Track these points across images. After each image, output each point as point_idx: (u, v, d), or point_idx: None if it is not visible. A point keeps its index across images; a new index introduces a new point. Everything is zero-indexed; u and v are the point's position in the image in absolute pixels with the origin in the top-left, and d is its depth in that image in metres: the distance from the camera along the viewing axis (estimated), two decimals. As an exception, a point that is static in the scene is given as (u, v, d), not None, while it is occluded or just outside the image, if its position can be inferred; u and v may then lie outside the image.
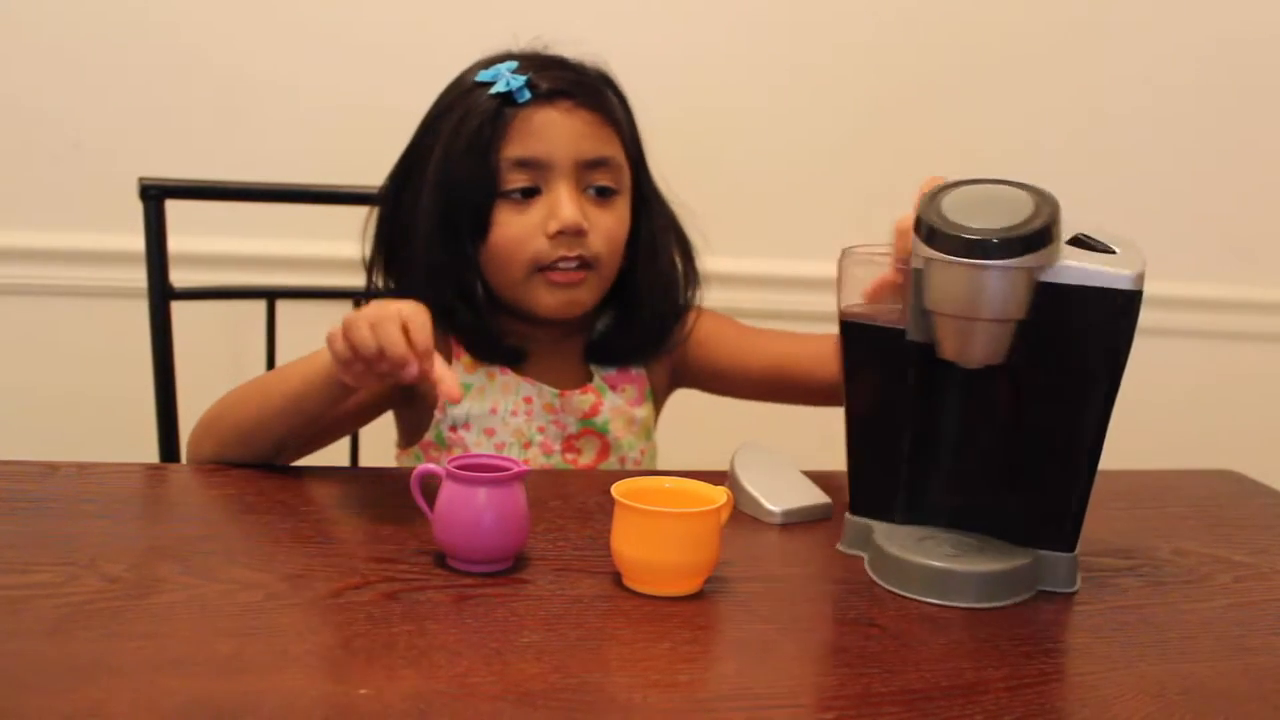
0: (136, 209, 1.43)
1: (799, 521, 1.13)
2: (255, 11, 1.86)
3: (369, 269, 1.32)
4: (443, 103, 1.28)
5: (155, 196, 1.43)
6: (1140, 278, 0.94)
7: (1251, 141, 2.14)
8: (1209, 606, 1.00)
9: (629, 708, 0.77)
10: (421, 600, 0.89)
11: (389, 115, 1.29)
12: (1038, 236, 0.92)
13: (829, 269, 2.11)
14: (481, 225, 1.24)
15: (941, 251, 0.93)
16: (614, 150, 1.27)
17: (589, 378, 1.34)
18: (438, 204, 1.24)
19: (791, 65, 2.01)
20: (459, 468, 0.95)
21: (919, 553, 0.99)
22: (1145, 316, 0.96)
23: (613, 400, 1.33)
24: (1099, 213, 2.01)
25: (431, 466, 0.96)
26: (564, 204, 1.23)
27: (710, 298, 1.39)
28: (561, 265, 1.24)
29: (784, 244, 2.03)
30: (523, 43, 1.30)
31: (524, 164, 1.23)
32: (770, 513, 1.13)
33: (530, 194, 1.24)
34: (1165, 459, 1.38)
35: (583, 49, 1.29)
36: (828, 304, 2.05)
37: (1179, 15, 2.08)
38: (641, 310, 1.33)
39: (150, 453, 1.47)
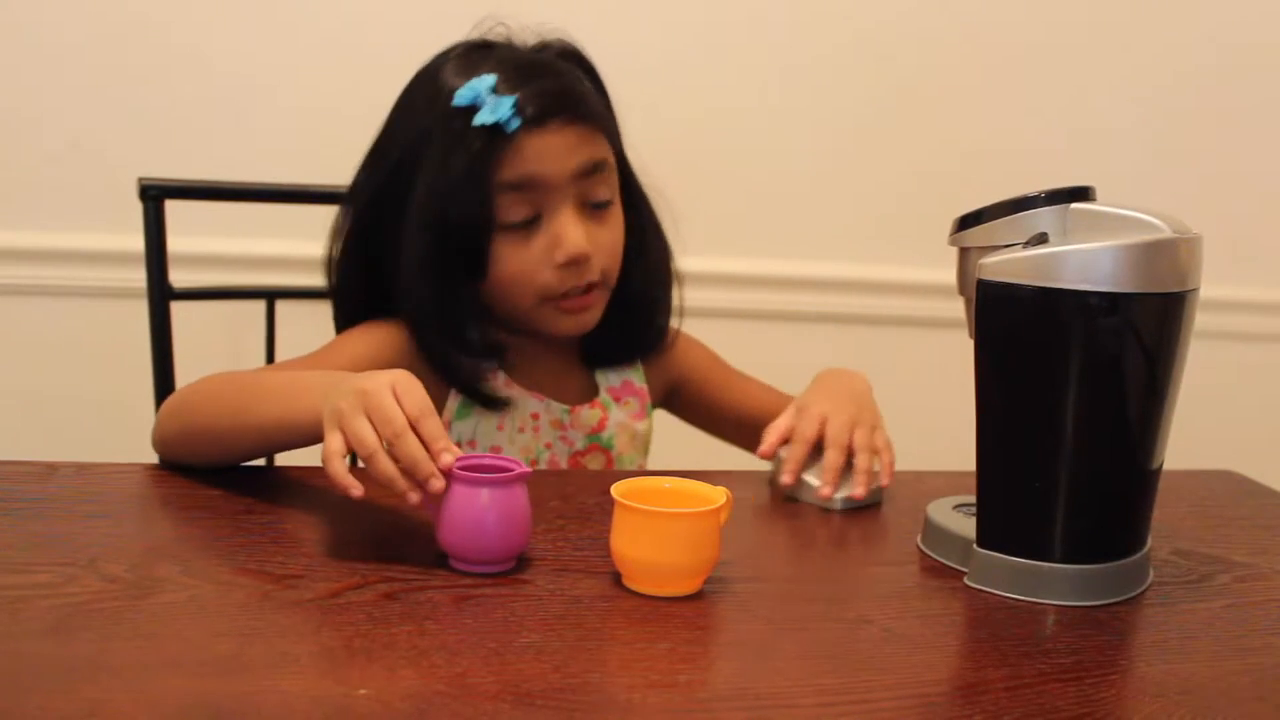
0: (136, 209, 1.43)
1: (857, 508, 1.16)
2: (254, 11, 1.86)
3: (337, 269, 1.28)
4: (416, 119, 1.21)
5: (155, 197, 1.43)
6: (1011, 271, 0.96)
7: (1251, 141, 2.14)
8: (1209, 606, 1.00)
9: (629, 708, 0.77)
10: (421, 600, 0.89)
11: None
12: (969, 218, 1.00)
13: (825, 269, 2.10)
14: (479, 260, 1.20)
15: None
16: (605, 152, 1.23)
17: (594, 391, 1.33)
18: (428, 243, 1.19)
19: (789, 64, 2.01)
20: (462, 468, 0.95)
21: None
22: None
23: (617, 415, 1.32)
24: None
25: None
26: (569, 231, 1.19)
27: (709, 297, 1.38)
28: (571, 293, 1.21)
29: (783, 244, 2.04)
30: (482, 29, 1.26)
31: (520, 187, 1.18)
32: (832, 500, 1.15)
33: (530, 223, 1.20)
34: (1165, 459, 1.37)
35: (545, 28, 1.26)
36: (826, 304, 2.06)
37: (1179, 15, 2.08)
38: (638, 305, 1.30)
39: (150, 453, 1.47)
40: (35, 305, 1.88)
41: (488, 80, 1.17)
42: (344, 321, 1.29)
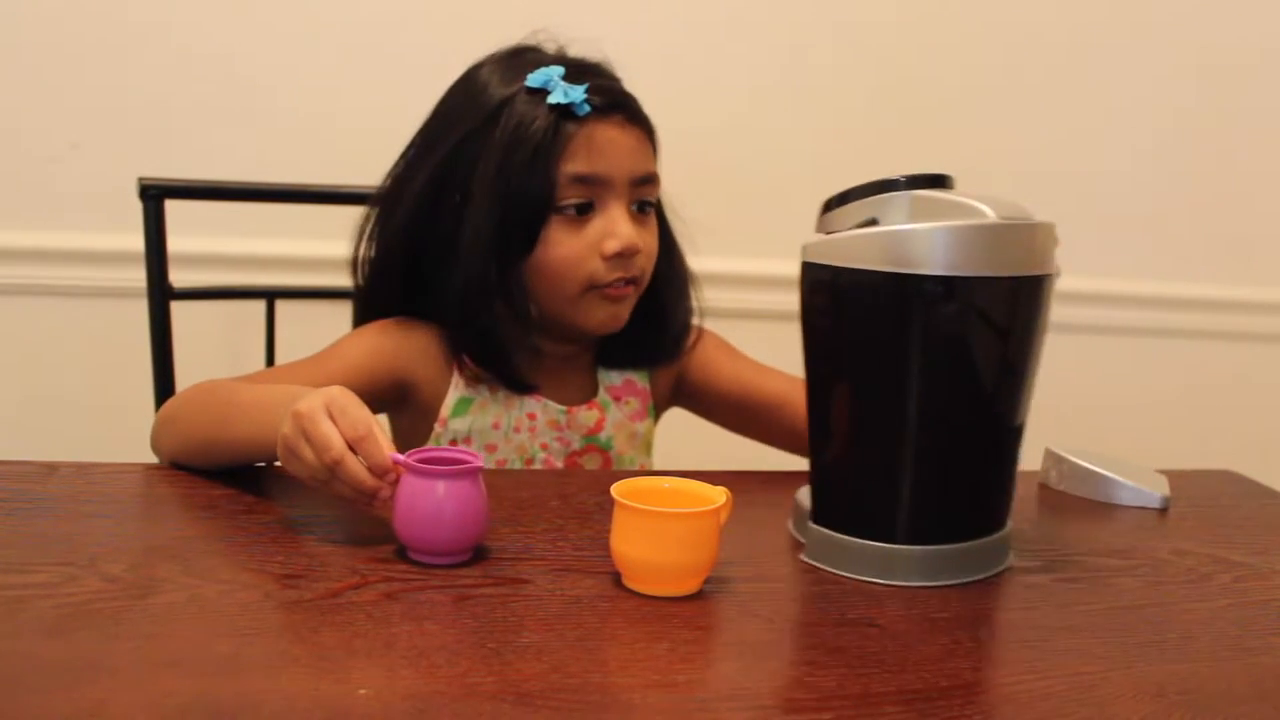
0: (136, 209, 1.43)
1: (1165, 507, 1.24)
2: (254, 11, 1.86)
3: (362, 267, 1.30)
4: (477, 104, 1.23)
5: (155, 196, 1.44)
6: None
7: (1250, 141, 2.14)
8: (1209, 606, 1.00)
9: (629, 708, 0.77)
10: (421, 600, 0.89)
11: (389, 115, 1.29)
12: (833, 201, 1.06)
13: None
14: (531, 241, 1.22)
15: None
16: (655, 165, 1.27)
17: (593, 392, 1.33)
18: (493, 218, 1.21)
19: (792, 68, 2.01)
20: (417, 460, 0.96)
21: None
22: (1145, 316, 0.95)
23: (615, 415, 1.33)
24: (1097, 212, 2.02)
25: (397, 456, 0.96)
26: (622, 225, 1.22)
27: (713, 298, 1.38)
28: (615, 284, 1.23)
29: (784, 245, 2.03)
30: (520, 37, 1.28)
31: (584, 180, 1.21)
32: (1155, 498, 1.23)
33: (584, 210, 1.22)
34: (1165, 459, 1.38)
35: (583, 45, 1.28)
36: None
37: (1180, 16, 2.08)
38: (667, 316, 1.32)
39: (150, 453, 1.47)
40: (35, 305, 1.88)
41: (558, 69, 1.21)
42: (372, 319, 1.30)
